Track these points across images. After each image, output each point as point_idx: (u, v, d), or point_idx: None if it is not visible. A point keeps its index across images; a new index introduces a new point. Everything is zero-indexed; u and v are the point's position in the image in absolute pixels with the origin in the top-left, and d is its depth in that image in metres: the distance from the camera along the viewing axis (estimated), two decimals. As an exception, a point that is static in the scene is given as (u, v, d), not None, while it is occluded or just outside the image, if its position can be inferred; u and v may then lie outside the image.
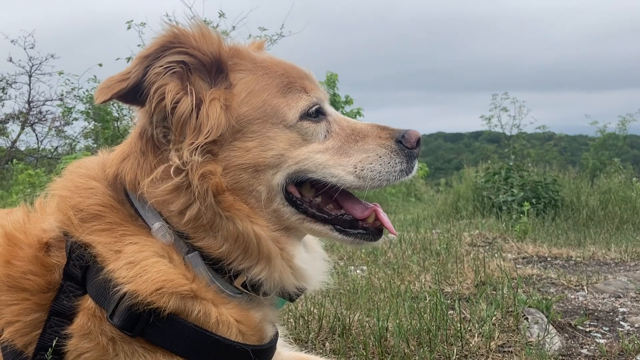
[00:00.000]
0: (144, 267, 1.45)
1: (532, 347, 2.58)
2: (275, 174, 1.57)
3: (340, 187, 1.62)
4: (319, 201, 1.68)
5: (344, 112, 15.54)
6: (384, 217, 1.70)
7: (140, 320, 1.44)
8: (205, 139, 1.50)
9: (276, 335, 1.71)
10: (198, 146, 1.50)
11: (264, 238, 1.54)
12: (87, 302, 1.49)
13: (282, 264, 1.59)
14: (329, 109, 1.71)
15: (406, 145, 1.68)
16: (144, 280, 1.43)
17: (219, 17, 14.35)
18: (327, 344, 2.70)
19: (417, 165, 1.72)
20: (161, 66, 1.49)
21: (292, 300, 1.69)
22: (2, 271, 1.56)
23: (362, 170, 1.63)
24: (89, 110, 14.76)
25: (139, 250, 1.49)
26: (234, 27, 14.40)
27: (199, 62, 1.55)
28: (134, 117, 1.75)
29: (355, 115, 15.53)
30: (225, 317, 1.52)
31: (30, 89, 15.84)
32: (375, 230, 1.70)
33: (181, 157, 1.50)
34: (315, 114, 1.64)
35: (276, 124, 1.58)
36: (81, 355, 1.47)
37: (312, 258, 1.74)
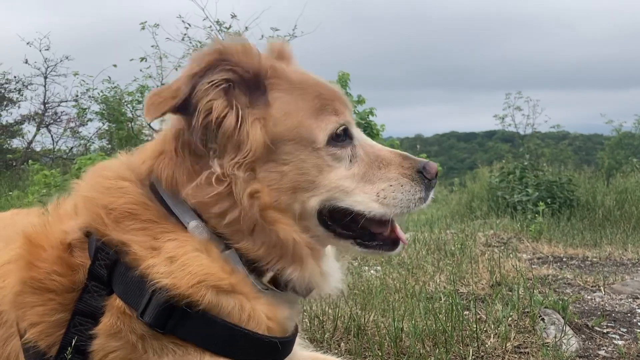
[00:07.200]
0: (185, 261, 1.49)
1: (548, 348, 2.56)
2: (309, 197, 1.62)
3: (366, 216, 1.67)
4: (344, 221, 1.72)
5: (357, 112, 15.51)
6: (398, 229, 1.78)
7: (173, 316, 1.46)
8: (244, 158, 1.55)
9: (296, 328, 1.75)
10: (239, 163, 1.55)
11: (300, 244, 1.60)
12: (116, 301, 1.50)
13: (313, 266, 1.64)
14: (355, 132, 1.74)
15: (426, 177, 1.73)
16: (186, 273, 1.46)
17: (231, 18, 14.39)
18: (342, 344, 2.70)
19: (432, 195, 1.78)
20: (208, 83, 1.53)
21: (305, 296, 1.73)
22: (26, 274, 1.57)
23: (384, 198, 1.68)
24: (104, 111, 14.88)
25: (180, 246, 1.52)
26: (246, 27, 14.44)
27: (240, 78, 1.59)
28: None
29: (368, 115, 15.48)
30: (257, 312, 1.55)
31: (46, 90, 16.05)
32: (391, 241, 1.77)
33: (223, 168, 1.55)
34: (342, 137, 1.67)
35: (307, 146, 1.61)
36: (108, 355, 1.48)
37: (332, 264, 1.79)
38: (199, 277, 1.47)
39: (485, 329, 2.84)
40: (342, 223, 1.69)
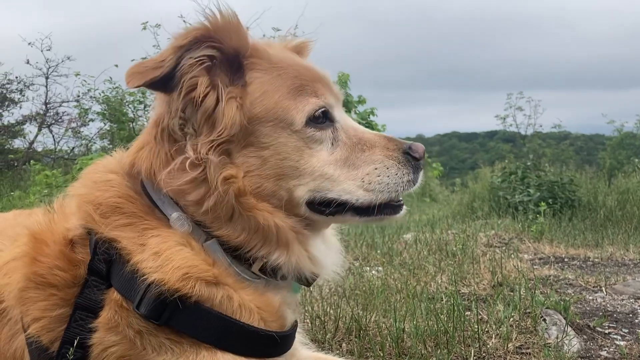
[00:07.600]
0: (168, 255, 1.49)
1: (550, 349, 2.56)
2: (296, 186, 1.59)
3: (354, 204, 1.62)
4: None
5: (358, 112, 15.51)
6: None
7: (167, 309, 1.46)
8: (218, 136, 1.52)
9: (296, 323, 1.74)
10: (213, 144, 1.52)
11: (283, 228, 1.57)
12: (114, 295, 1.51)
13: (299, 250, 1.62)
14: (338, 115, 1.69)
15: (414, 156, 1.67)
16: (170, 268, 1.47)
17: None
18: (343, 344, 2.70)
19: (421, 177, 1.72)
20: (194, 58, 1.51)
21: (308, 285, 1.72)
22: (30, 270, 1.59)
23: (369, 184, 1.62)
24: (105, 112, 14.88)
25: (163, 241, 1.52)
26: (247, 28, 14.40)
27: (224, 56, 1.57)
28: (151, 111, 1.76)
29: (369, 115, 15.50)
30: (247, 303, 1.55)
31: (47, 91, 16.03)
32: (393, 205, 1.69)
33: (196, 151, 1.52)
34: (322, 119, 1.62)
35: (285, 129, 1.57)
36: (107, 349, 1.49)
37: (327, 249, 1.76)
38: (184, 270, 1.48)
39: (486, 329, 2.84)
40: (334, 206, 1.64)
